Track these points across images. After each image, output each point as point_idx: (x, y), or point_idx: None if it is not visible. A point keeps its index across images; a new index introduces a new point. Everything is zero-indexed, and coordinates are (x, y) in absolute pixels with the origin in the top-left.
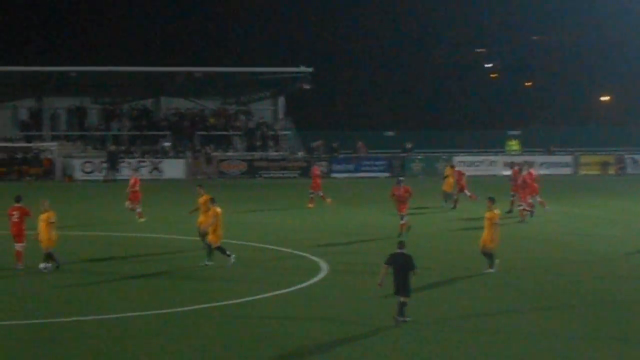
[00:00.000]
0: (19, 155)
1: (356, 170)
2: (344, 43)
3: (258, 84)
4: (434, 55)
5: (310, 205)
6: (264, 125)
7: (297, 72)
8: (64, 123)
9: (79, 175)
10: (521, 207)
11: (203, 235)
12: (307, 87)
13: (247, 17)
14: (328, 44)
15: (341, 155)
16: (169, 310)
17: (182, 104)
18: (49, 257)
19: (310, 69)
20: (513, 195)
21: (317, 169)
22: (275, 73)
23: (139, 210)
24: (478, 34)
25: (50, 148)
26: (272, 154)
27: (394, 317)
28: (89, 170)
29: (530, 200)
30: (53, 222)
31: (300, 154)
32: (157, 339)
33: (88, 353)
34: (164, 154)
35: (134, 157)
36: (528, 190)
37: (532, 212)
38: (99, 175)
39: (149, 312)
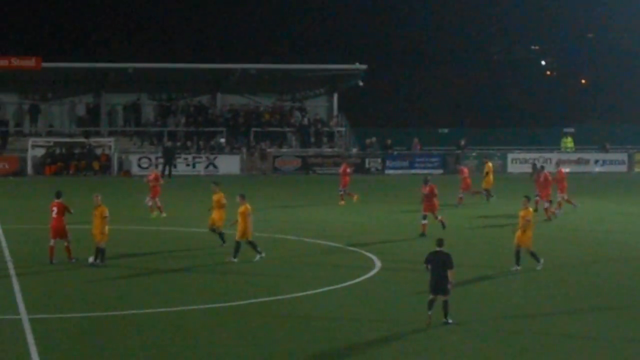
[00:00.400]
0: (77, 151)
1: (410, 167)
2: (398, 40)
3: (313, 80)
4: (489, 51)
5: (342, 203)
6: (318, 122)
7: (351, 69)
8: (120, 119)
9: (135, 170)
10: (546, 206)
11: (214, 230)
12: (361, 83)
13: (302, 14)
14: (383, 41)
15: (395, 152)
16: (222, 305)
17: (237, 100)
18: (99, 252)
19: (364, 66)
20: (538, 195)
21: (347, 167)
22: (330, 70)
23: (150, 204)
24: (533, 31)
25: (108, 144)
26: (326, 150)
27: (428, 316)
28: (145, 165)
29: (559, 199)
30: (106, 217)
31: (354, 150)
32: (212, 333)
33: (146, 346)
34: (220, 150)
35: (189, 153)
36: (549, 190)
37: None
38: (155, 171)
39: (202, 306)
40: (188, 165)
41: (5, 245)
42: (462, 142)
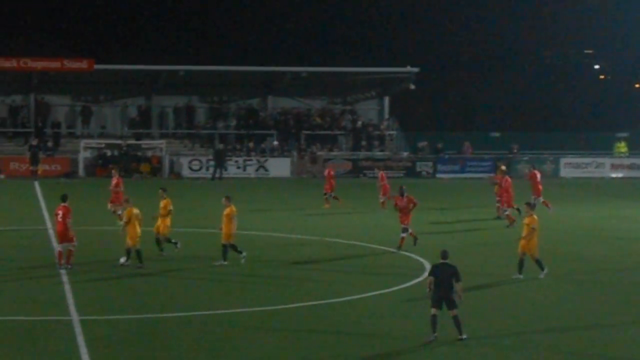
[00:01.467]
0: (129, 153)
1: (461, 171)
2: (450, 43)
3: (364, 83)
4: (541, 55)
5: (327, 206)
6: (369, 125)
7: (403, 72)
8: (172, 121)
9: (186, 172)
10: (507, 212)
11: (159, 240)
12: (413, 87)
13: (354, 17)
14: (435, 44)
15: (446, 156)
16: (271, 308)
17: (288, 103)
18: (160, 242)
19: (416, 69)
20: (498, 201)
21: (331, 170)
22: (381, 73)
23: (113, 211)
24: (587, 35)
25: (159, 146)
26: (377, 153)
27: (428, 337)
28: (196, 168)
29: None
30: (170, 210)
31: (405, 154)
32: (261, 336)
33: (195, 348)
34: (270, 152)
35: (240, 156)
36: (510, 195)
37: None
38: (206, 173)
39: (252, 309)
40: (239, 167)
41: (56, 246)
42: (514, 147)
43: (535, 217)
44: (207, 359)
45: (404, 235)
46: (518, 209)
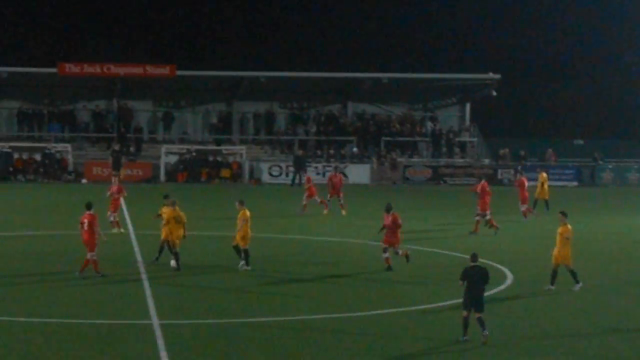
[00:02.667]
0: (210, 158)
1: None
2: (532, 49)
3: (445, 90)
4: (624, 60)
5: (304, 211)
6: (449, 132)
7: (485, 79)
8: (252, 127)
9: (266, 178)
10: (487, 218)
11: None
12: (494, 93)
13: (433, 23)
14: (516, 50)
15: (528, 163)
16: (348, 314)
17: (368, 109)
18: (244, 253)
19: (498, 76)
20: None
21: (309, 178)
22: (462, 79)
23: (112, 219)
24: None
25: (239, 151)
26: (458, 160)
27: (461, 338)
28: (276, 173)
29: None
30: (246, 220)
31: (487, 161)
32: (337, 343)
33: (273, 354)
34: (350, 158)
35: (320, 162)
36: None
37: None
38: (286, 179)
39: (329, 315)
40: (318, 173)
41: (137, 251)
42: (598, 155)
43: (569, 226)
44: None
45: (386, 255)
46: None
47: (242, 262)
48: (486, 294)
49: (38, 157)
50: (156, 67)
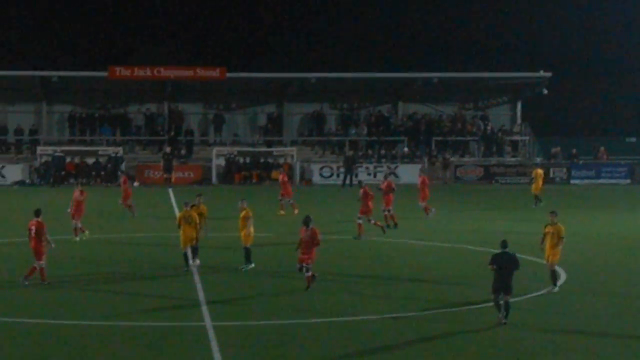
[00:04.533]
0: (261, 160)
1: (597, 177)
2: (584, 47)
3: (496, 89)
4: None
5: (282, 212)
6: (501, 131)
7: (536, 77)
8: (302, 128)
9: (316, 179)
10: (359, 221)
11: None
12: (546, 92)
13: (484, 22)
14: (567, 48)
15: (581, 161)
16: (407, 314)
17: (419, 109)
18: (245, 251)
19: (549, 74)
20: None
21: (284, 176)
22: (513, 78)
23: (79, 225)
24: None
25: (290, 153)
26: (509, 159)
27: (498, 318)
28: (326, 174)
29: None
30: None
31: (538, 159)
32: (396, 343)
33: (327, 355)
34: (401, 158)
35: (371, 162)
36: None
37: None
38: (336, 180)
39: (386, 316)
40: (369, 174)
41: (189, 254)
42: None
43: (561, 226)
44: None
45: (308, 274)
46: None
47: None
48: (540, 292)
49: (90, 160)
50: (206, 70)
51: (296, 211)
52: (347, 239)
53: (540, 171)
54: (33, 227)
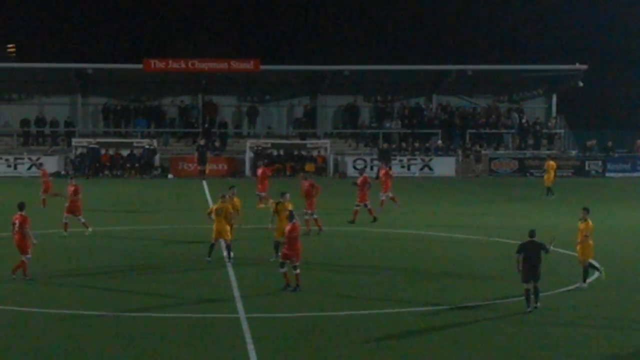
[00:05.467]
0: (295, 152)
1: (632, 170)
2: (619, 39)
3: (530, 81)
4: None
5: (261, 206)
6: (536, 123)
7: (571, 70)
8: (336, 121)
9: (350, 172)
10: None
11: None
12: (581, 84)
13: (518, 14)
14: (603, 41)
15: (616, 155)
16: (436, 308)
17: (453, 101)
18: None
19: (584, 66)
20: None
21: (265, 170)
22: (548, 70)
23: (82, 220)
24: None
25: (323, 145)
26: (544, 152)
27: (532, 306)
28: (360, 167)
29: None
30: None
31: (573, 152)
32: (427, 337)
33: (361, 348)
34: (435, 151)
35: (404, 155)
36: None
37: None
38: (370, 173)
39: (418, 309)
40: (403, 167)
41: (223, 246)
42: None
43: (590, 223)
44: (371, 358)
45: (296, 272)
46: None
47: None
48: (573, 286)
49: (125, 152)
50: (240, 62)
51: (262, 206)
52: (380, 231)
53: (552, 163)
54: (17, 221)
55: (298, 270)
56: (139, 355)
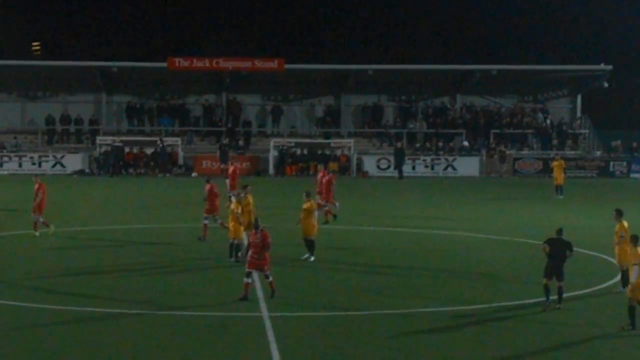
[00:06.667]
0: (318, 152)
1: None
2: None
3: (555, 81)
4: None
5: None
6: (560, 124)
7: (596, 70)
8: (360, 120)
9: (373, 171)
10: (326, 208)
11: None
12: (606, 85)
13: (543, 15)
14: (628, 41)
15: None
16: (461, 307)
17: (477, 101)
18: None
19: (610, 67)
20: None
21: (237, 168)
22: (573, 71)
23: (41, 220)
24: None
25: (347, 144)
26: (569, 152)
27: (544, 304)
28: (383, 167)
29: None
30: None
31: (598, 153)
32: (451, 336)
33: (382, 347)
34: (459, 151)
35: (428, 155)
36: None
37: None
38: (393, 172)
39: (442, 309)
40: (427, 166)
41: (246, 244)
42: None
43: (625, 223)
44: (392, 358)
45: (269, 280)
46: None
47: (311, 258)
48: (606, 284)
49: (149, 151)
50: (265, 61)
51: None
52: (402, 230)
53: (557, 162)
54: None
55: (270, 278)
56: (163, 353)
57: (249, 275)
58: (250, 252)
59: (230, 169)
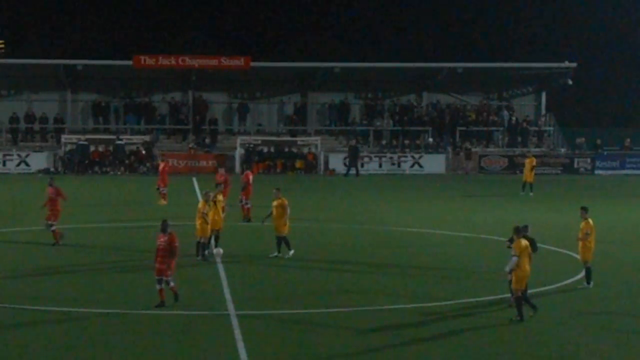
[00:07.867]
0: (285, 149)
1: (621, 167)
2: (608, 37)
3: (520, 79)
4: None
5: (163, 202)
6: (525, 121)
7: (560, 68)
8: (326, 118)
9: (340, 169)
10: (248, 206)
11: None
12: (570, 82)
13: (509, 13)
14: (592, 39)
15: (605, 152)
16: (426, 305)
17: (443, 99)
18: (286, 243)
19: (574, 64)
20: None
21: (166, 166)
22: (538, 68)
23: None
24: None
25: (314, 142)
26: (534, 150)
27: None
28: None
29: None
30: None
31: (563, 150)
32: (415, 333)
33: (350, 344)
34: (425, 148)
35: (395, 152)
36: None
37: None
38: (351, 170)
39: (410, 305)
40: (393, 164)
41: (212, 244)
42: None
43: (590, 221)
44: (364, 356)
45: (171, 285)
46: None
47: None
48: (570, 279)
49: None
50: (231, 59)
51: (164, 202)
52: (371, 228)
53: (529, 160)
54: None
55: (172, 284)
56: (130, 352)
57: (159, 282)
58: (156, 257)
59: (161, 166)
